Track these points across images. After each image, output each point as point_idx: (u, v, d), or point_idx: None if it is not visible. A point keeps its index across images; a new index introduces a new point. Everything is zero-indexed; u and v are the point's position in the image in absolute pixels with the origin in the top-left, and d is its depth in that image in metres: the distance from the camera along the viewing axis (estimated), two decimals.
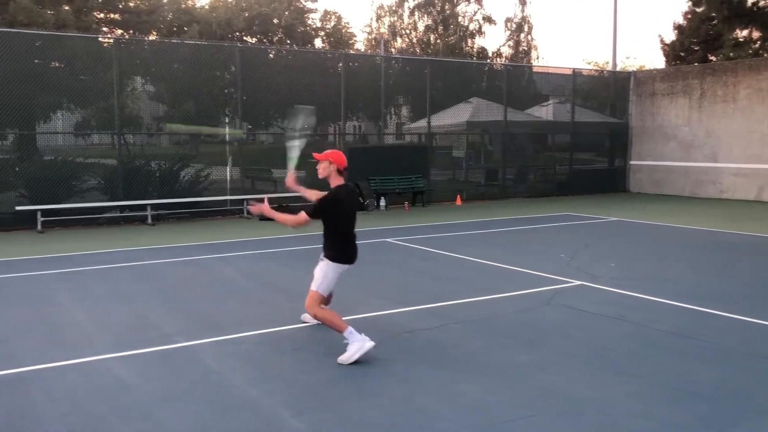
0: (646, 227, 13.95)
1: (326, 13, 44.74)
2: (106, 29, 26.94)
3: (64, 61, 14.92)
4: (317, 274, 5.81)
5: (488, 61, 40.16)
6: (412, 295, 7.95)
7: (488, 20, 45.05)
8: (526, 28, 45.01)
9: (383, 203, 17.45)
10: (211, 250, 11.19)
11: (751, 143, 19.59)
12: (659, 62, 52.70)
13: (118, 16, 27.90)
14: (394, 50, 43.77)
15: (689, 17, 30.98)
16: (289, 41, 37.66)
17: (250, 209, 5.77)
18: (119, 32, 27.47)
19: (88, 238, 12.72)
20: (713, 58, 30.09)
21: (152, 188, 15.21)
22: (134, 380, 5.17)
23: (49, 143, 14.99)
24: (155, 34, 29.94)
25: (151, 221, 14.69)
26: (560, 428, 4.31)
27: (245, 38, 37.36)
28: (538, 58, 45.09)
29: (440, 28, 44.49)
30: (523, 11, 45.51)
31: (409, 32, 45.90)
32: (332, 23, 44.31)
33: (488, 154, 22.49)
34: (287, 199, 16.45)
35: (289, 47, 32.46)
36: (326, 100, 17.57)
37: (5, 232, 13.42)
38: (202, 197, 15.90)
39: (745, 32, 29.25)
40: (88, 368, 5.44)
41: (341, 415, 4.54)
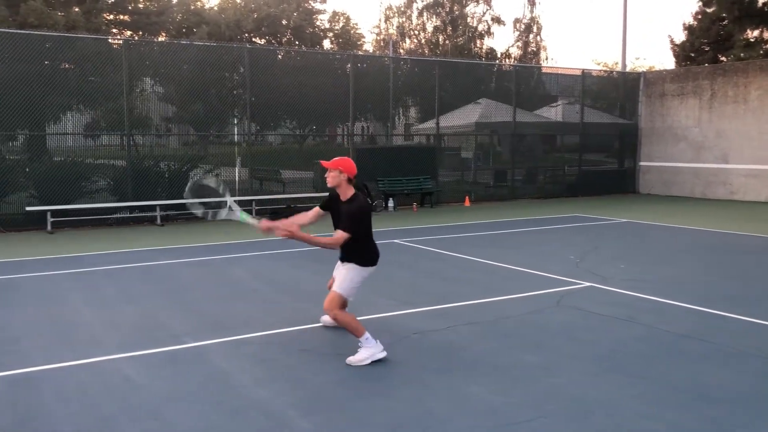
0: (656, 228, 13.88)
1: (335, 14, 44.80)
2: (115, 30, 27.07)
3: (73, 62, 14.99)
4: (341, 276, 5.70)
5: (497, 61, 40.09)
6: (420, 296, 7.94)
7: (497, 21, 45.04)
8: (535, 28, 44.95)
9: (392, 204, 17.44)
10: (219, 250, 11.22)
11: (762, 144, 19.47)
12: (669, 63, 52.48)
13: (127, 17, 28.02)
14: (402, 51, 43.78)
15: (699, 18, 30.82)
16: (297, 42, 37.73)
17: (279, 235, 5.46)
18: (129, 33, 27.59)
19: (97, 238, 12.77)
20: (724, 58, 29.93)
21: (161, 189, 15.26)
22: (143, 380, 5.18)
23: (58, 144, 15.06)
24: (164, 35, 30.05)
25: (159, 222, 14.74)
26: (568, 430, 4.29)
27: (254, 39, 37.44)
28: (547, 58, 45.04)
29: (449, 29, 44.47)
30: (532, 12, 45.44)
31: (417, 33, 45.91)
32: (341, 24, 44.36)
33: (497, 155, 22.45)
34: (293, 200, 16.49)
35: (297, 48, 32.52)
36: (335, 101, 17.59)
37: (16, 232, 13.50)
38: (210, 198, 15.89)
39: (756, 32, 29.08)
40: (97, 368, 5.46)
41: (349, 416, 4.54)
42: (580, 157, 21.93)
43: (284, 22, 38.46)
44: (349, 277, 5.66)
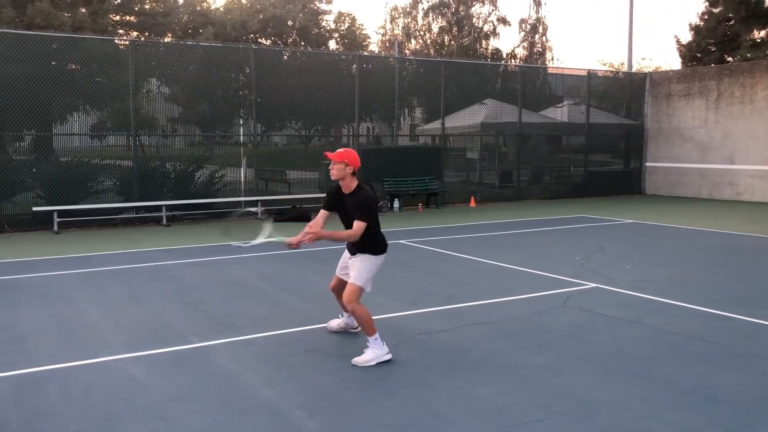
0: (662, 229, 13.85)
1: (340, 14, 44.82)
2: (122, 31, 27.15)
3: (80, 63, 15.05)
4: (356, 268, 5.67)
5: (503, 62, 40.05)
6: (426, 296, 7.94)
7: (503, 21, 45.00)
8: (540, 29, 44.90)
9: (397, 205, 17.44)
10: (224, 251, 11.23)
11: None
12: (675, 63, 52.34)
13: (133, 18, 28.11)
14: (408, 52, 43.78)
15: (706, 18, 30.72)
16: (303, 43, 37.77)
17: (308, 241, 5.48)
18: (135, 34, 27.67)
19: (103, 238, 12.81)
20: (730, 59, 29.82)
21: (167, 189, 15.31)
22: (149, 380, 5.20)
23: (65, 145, 15.12)
24: (170, 36, 30.12)
25: (165, 222, 14.77)
26: (574, 431, 4.29)
27: (260, 40, 37.50)
28: (552, 59, 44.98)
29: (454, 29, 44.45)
30: (537, 12, 45.37)
31: (423, 34, 45.92)
32: (346, 25, 44.38)
33: (502, 155, 22.42)
34: (298, 200, 16.50)
35: (303, 49, 32.56)
36: (340, 101, 17.60)
37: (22, 232, 13.55)
38: (216, 198, 15.98)
39: (762, 33, 28.98)
40: (103, 368, 5.48)
41: (355, 416, 4.54)
42: (585, 157, 21.89)
43: (290, 22, 38.50)
44: (365, 267, 5.65)
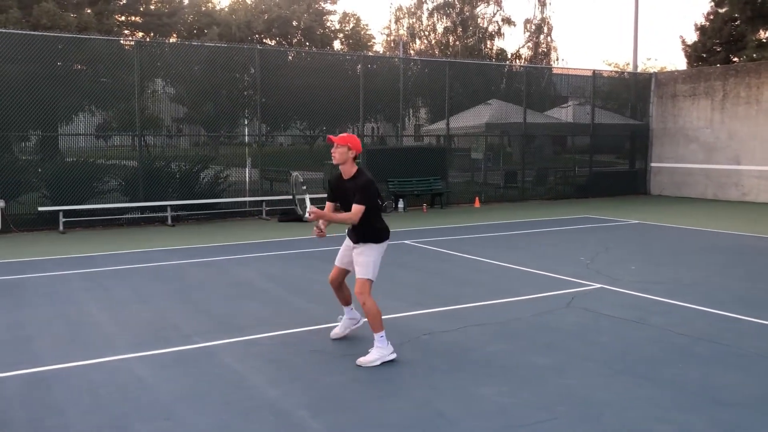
0: (667, 230, 13.82)
1: (345, 15, 44.91)
2: (127, 32, 27.23)
3: (86, 63, 15.09)
4: (361, 262, 5.67)
5: (507, 62, 40.02)
6: (430, 297, 7.94)
7: (507, 22, 44.87)
8: (545, 29, 44.76)
9: (401, 205, 17.45)
10: (230, 251, 11.26)
11: None
12: (681, 63, 52.21)
13: (139, 18, 28.20)
14: (412, 52, 43.77)
15: (711, 18, 30.63)
16: (308, 43, 37.82)
17: (310, 219, 5.57)
18: (140, 35, 27.74)
19: (108, 238, 12.85)
20: (736, 59, 29.72)
21: (172, 189, 15.34)
22: (154, 380, 5.21)
23: (71, 145, 15.17)
24: (175, 36, 30.20)
25: (170, 222, 14.81)
26: None
27: (264, 40, 37.58)
28: (557, 59, 44.84)
29: (459, 29, 44.39)
30: (542, 12, 45.25)
31: (427, 34, 45.87)
32: (351, 25, 44.44)
33: (507, 156, 22.40)
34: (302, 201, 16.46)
35: (308, 49, 32.59)
36: (345, 101, 17.61)
37: (28, 232, 13.60)
38: (221, 198, 16.01)
39: None
40: (109, 368, 5.50)
41: (359, 416, 4.55)
42: (590, 158, 21.85)
43: (295, 23, 38.57)
44: (371, 259, 5.66)
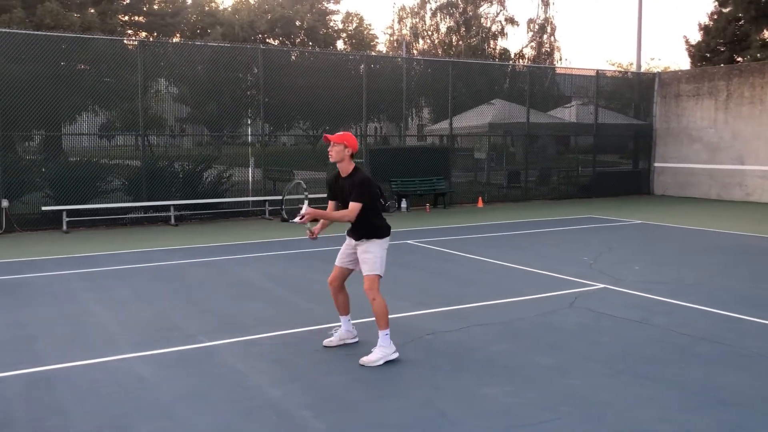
0: (670, 230, 13.79)
1: (348, 15, 44.91)
2: (130, 32, 27.27)
3: (89, 63, 15.11)
4: (367, 259, 5.67)
5: (511, 62, 39.97)
6: (433, 296, 7.94)
7: (511, 21, 44.84)
8: (548, 29, 44.71)
9: (404, 205, 17.44)
10: (232, 251, 11.26)
11: None
12: (684, 63, 52.09)
13: (142, 18, 28.25)
14: (416, 52, 43.76)
15: (715, 18, 30.57)
16: (311, 43, 37.83)
17: (297, 221, 5.54)
18: (144, 34, 27.78)
19: (112, 238, 12.86)
20: (740, 59, 29.66)
21: (175, 189, 15.35)
22: (156, 379, 5.21)
23: (74, 144, 15.21)
24: (179, 36, 30.23)
25: (174, 222, 14.82)
26: None
27: (268, 40, 37.59)
28: (561, 59, 44.79)
29: (462, 29, 44.36)
30: (545, 12, 45.20)
31: (431, 34, 45.84)
32: (354, 25, 44.43)
33: (510, 155, 22.38)
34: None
35: (311, 49, 32.60)
36: (348, 101, 17.60)
37: (32, 231, 13.62)
38: (224, 198, 16.02)
39: None
40: (111, 367, 5.50)
41: (361, 416, 4.54)
42: (594, 158, 21.82)
43: (298, 23, 38.58)
44: (377, 255, 5.66)
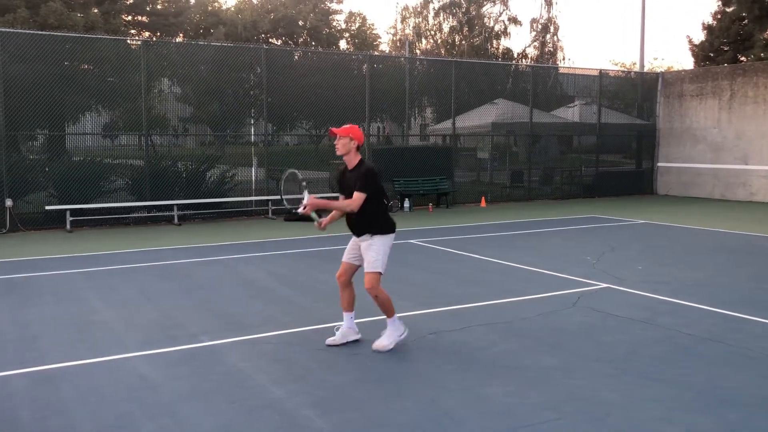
0: (674, 230, 13.76)
1: (351, 14, 44.91)
2: (134, 31, 27.30)
3: (92, 63, 15.14)
4: (369, 256, 5.70)
5: (514, 62, 39.94)
6: (436, 296, 7.93)
7: (514, 21, 44.84)
8: (552, 28, 44.69)
9: (407, 204, 17.43)
10: (236, 250, 11.27)
11: None
12: (688, 63, 52.00)
13: (145, 18, 28.29)
14: (418, 51, 43.74)
15: (719, 17, 30.53)
16: (314, 43, 37.84)
17: (300, 212, 5.62)
18: (147, 34, 27.82)
19: (115, 237, 12.88)
20: (743, 58, 29.61)
21: (178, 189, 15.37)
22: (160, 379, 5.22)
23: (77, 144, 15.21)
24: (182, 36, 30.26)
25: (177, 221, 14.83)
26: None
27: (270, 40, 37.61)
28: (564, 59, 44.77)
29: (465, 29, 44.34)
30: (548, 12, 45.16)
31: (433, 33, 45.84)
32: (357, 25, 44.43)
33: (513, 155, 22.35)
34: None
35: (314, 49, 32.61)
36: (351, 101, 17.61)
37: (35, 231, 13.64)
38: (227, 198, 16.03)
39: None
40: (115, 366, 5.51)
41: (365, 416, 4.54)
42: (597, 157, 21.79)
43: (301, 22, 38.60)
44: (379, 252, 5.69)
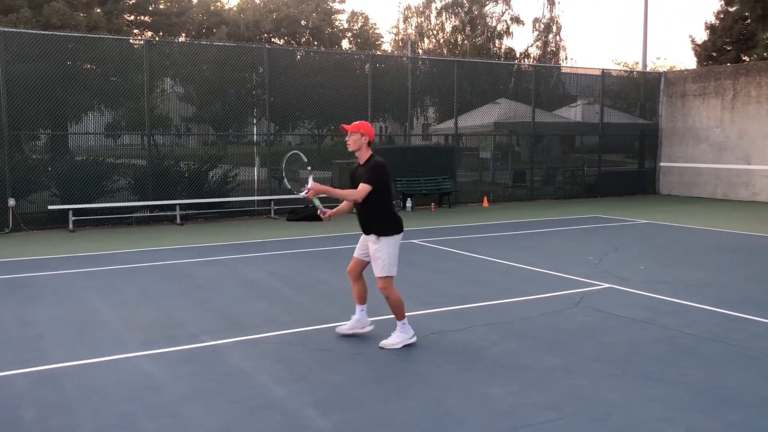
0: (676, 230, 13.75)
1: (353, 14, 44.95)
2: (136, 31, 27.33)
3: (95, 62, 15.15)
4: (379, 260, 5.73)
5: (516, 61, 39.92)
6: (438, 296, 7.93)
7: (516, 21, 44.80)
8: (554, 28, 44.65)
9: (410, 204, 17.43)
10: (238, 250, 11.28)
11: None
12: (690, 63, 51.93)
13: (148, 18, 28.33)
14: (421, 51, 43.74)
15: (722, 17, 30.49)
16: (316, 43, 37.86)
17: (302, 195, 5.67)
18: (149, 34, 27.85)
19: (118, 237, 12.89)
20: (746, 58, 29.57)
21: (181, 188, 15.38)
22: (162, 378, 5.23)
23: (80, 144, 15.22)
24: (184, 35, 30.30)
25: (179, 221, 14.85)
26: None
27: (273, 40, 37.64)
28: (566, 58, 44.72)
29: (467, 28, 44.32)
30: (551, 11, 45.11)
31: (436, 33, 45.82)
32: (359, 24, 44.46)
33: (516, 155, 22.34)
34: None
35: (316, 48, 32.61)
36: (353, 101, 17.61)
37: (38, 231, 13.66)
38: (229, 197, 16.04)
39: None
40: (117, 366, 5.52)
41: (367, 415, 4.54)
42: (599, 157, 21.76)
43: (303, 22, 38.63)
44: (387, 256, 5.75)
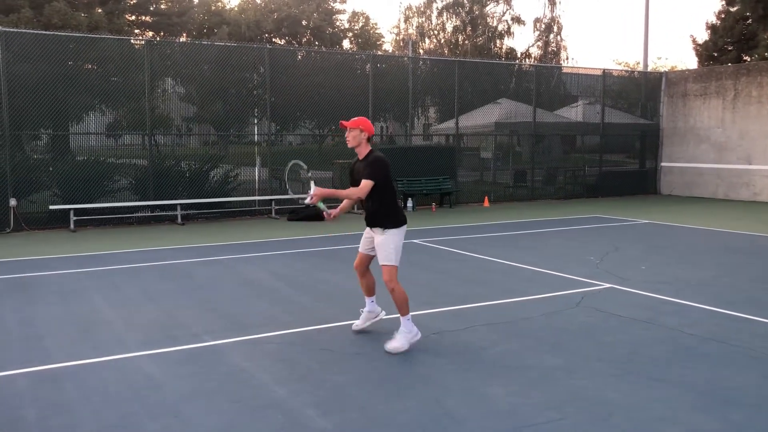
0: (677, 230, 13.74)
1: (354, 14, 44.97)
2: (137, 31, 27.34)
3: (96, 62, 15.16)
4: (383, 250, 5.76)
5: (517, 61, 39.90)
6: (439, 296, 7.93)
7: (517, 21, 44.80)
8: (555, 28, 44.65)
9: (410, 204, 17.43)
10: (239, 250, 11.28)
11: None
12: (691, 63, 51.91)
13: (149, 18, 28.34)
14: (422, 51, 43.73)
15: (723, 17, 30.47)
16: (317, 43, 37.87)
17: (307, 202, 5.68)
18: (150, 34, 27.87)
19: (119, 237, 12.90)
20: (747, 58, 29.55)
21: (182, 188, 15.39)
22: (163, 378, 5.23)
23: (81, 144, 15.24)
24: (185, 35, 30.31)
25: (180, 221, 14.86)
26: None
27: (274, 40, 37.65)
28: (567, 58, 44.72)
29: (468, 28, 44.32)
30: (552, 11, 45.11)
31: (437, 33, 45.83)
32: (360, 24, 44.47)
33: (517, 155, 22.35)
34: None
35: (317, 49, 32.62)
36: (354, 101, 17.61)
37: (39, 230, 13.67)
38: (230, 197, 16.05)
39: None
40: (118, 365, 5.52)
41: (368, 415, 4.54)
42: (600, 157, 21.76)
43: (304, 22, 38.64)
44: (392, 246, 5.75)
